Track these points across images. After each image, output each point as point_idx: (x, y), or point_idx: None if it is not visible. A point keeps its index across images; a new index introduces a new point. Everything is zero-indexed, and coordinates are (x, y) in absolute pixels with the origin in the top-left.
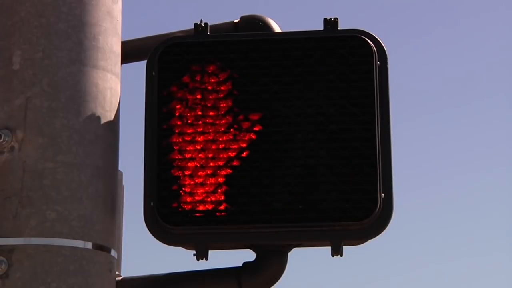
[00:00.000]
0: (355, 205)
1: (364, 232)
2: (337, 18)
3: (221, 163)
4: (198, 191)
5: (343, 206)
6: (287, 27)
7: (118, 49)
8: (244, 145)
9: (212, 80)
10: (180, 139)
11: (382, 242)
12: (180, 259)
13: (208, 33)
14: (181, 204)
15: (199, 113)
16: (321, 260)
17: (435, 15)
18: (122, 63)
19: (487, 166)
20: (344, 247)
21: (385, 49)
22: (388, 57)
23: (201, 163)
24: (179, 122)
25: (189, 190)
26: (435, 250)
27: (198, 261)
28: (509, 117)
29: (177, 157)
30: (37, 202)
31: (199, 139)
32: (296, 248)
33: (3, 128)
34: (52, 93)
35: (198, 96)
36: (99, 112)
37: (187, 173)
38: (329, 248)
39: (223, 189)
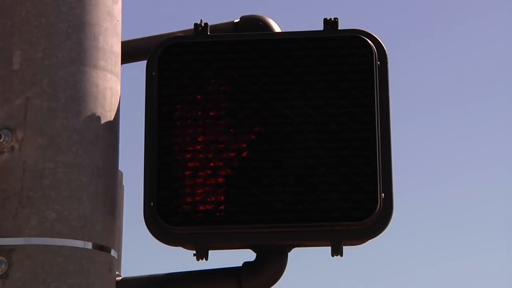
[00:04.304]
0: (355, 205)
1: (364, 232)
2: (337, 18)
3: (221, 163)
4: (198, 191)
5: (343, 206)
6: (287, 27)
7: (118, 49)
8: (244, 145)
9: (212, 80)
10: (180, 139)
11: (382, 242)
12: (180, 259)
13: (208, 33)
14: (181, 204)
15: (199, 113)
16: (321, 260)
17: (435, 16)
18: (122, 63)
19: (486, 166)
20: (344, 247)
21: (385, 49)
22: (388, 57)
23: (201, 163)
24: (179, 122)
25: (189, 190)
26: (435, 250)
27: (198, 261)
28: (509, 118)
29: (177, 157)
30: (37, 202)
31: (199, 139)
32: (296, 248)
33: (3, 128)
34: (52, 93)
35: (198, 96)
36: (99, 112)
37: (187, 173)
38: (329, 248)
39: (223, 189)
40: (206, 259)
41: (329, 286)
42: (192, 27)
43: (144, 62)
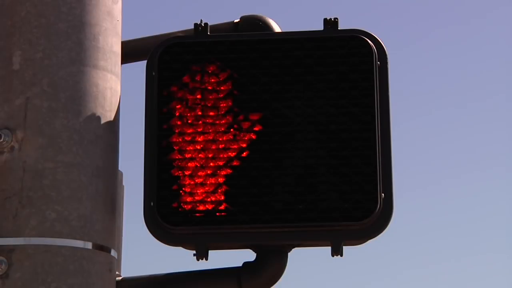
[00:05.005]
0: (355, 205)
1: (364, 232)
2: (337, 18)
3: (221, 163)
4: (198, 191)
5: (343, 206)
6: (287, 27)
7: (118, 49)
8: (244, 145)
9: (212, 80)
10: (180, 139)
11: (382, 242)
12: (180, 259)
13: (208, 33)
14: (181, 204)
15: (199, 113)
16: (321, 260)
17: (435, 16)
18: (122, 63)
19: (487, 166)
20: (344, 247)
21: (385, 49)
22: (388, 57)
23: (201, 163)
24: (179, 122)
25: (189, 190)
26: (434, 250)
27: (198, 261)
28: (509, 117)
29: (177, 157)
30: (37, 202)
31: (199, 139)
32: (296, 248)
33: (3, 128)
34: (52, 93)
35: (198, 96)
36: (99, 112)
37: (187, 173)
38: (329, 248)
39: (223, 189)
40: (206, 259)
41: (329, 286)
42: (192, 27)
43: (144, 62)
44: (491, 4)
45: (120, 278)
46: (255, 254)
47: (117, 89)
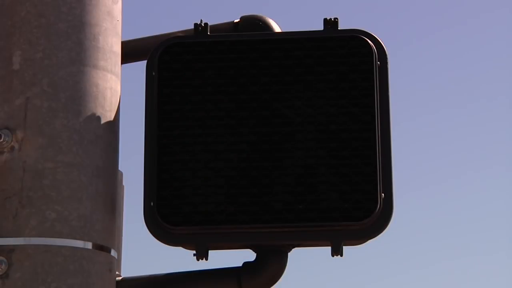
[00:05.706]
0: (355, 205)
1: (364, 232)
2: (337, 18)
3: (221, 163)
4: (198, 191)
5: (343, 206)
6: (287, 27)
7: (118, 49)
8: (244, 145)
9: (212, 80)
10: (180, 139)
11: (382, 242)
12: (180, 259)
13: (208, 33)
14: (181, 204)
15: (199, 113)
16: (321, 260)
17: (435, 16)
18: (122, 63)
19: (487, 166)
20: (344, 247)
21: (385, 49)
22: (388, 57)
23: (201, 163)
24: (179, 122)
25: (189, 190)
26: (435, 250)
27: (198, 261)
28: (509, 118)
29: (177, 157)
30: (37, 202)
31: (199, 139)
32: (296, 248)
33: (3, 128)
34: (52, 93)
35: (198, 96)
36: (99, 112)
37: (187, 173)
38: (329, 248)
39: (223, 189)
40: (206, 259)
41: (329, 286)
42: (192, 27)
43: (144, 62)
44: (491, 4)
45: (120, 278)
46: (255, 254)
47: (117, 89)
